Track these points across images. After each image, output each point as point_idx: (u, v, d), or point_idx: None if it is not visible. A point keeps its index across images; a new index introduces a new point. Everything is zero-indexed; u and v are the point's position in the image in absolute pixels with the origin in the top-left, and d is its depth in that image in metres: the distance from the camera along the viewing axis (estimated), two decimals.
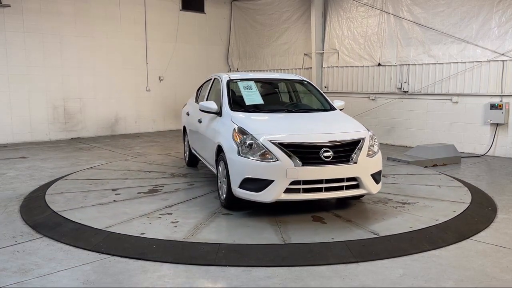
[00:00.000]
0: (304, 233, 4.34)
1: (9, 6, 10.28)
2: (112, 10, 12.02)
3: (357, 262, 3.76)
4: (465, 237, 4.33)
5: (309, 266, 3.67)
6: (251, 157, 4.59)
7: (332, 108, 5.96)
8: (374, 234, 4.32)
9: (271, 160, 4.51)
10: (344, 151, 4.69)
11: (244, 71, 14.05)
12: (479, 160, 8.57)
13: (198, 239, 4.16)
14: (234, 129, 4.92)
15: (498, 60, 8.69)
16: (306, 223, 4.68)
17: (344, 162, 4.63)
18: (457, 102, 9.39)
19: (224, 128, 5.23)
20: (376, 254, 3.91)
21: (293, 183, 4.50)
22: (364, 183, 4.73)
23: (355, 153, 4.71)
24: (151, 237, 4.18)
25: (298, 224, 4.62)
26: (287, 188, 4.51)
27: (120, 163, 7.89)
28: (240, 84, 6.01)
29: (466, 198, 5.58)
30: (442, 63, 9.52)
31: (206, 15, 14.00)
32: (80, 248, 4.05)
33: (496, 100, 8.75)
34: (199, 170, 7.32)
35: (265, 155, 4.55)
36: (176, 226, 4.49)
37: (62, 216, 4.80)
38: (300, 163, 4.50)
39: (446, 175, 7.01)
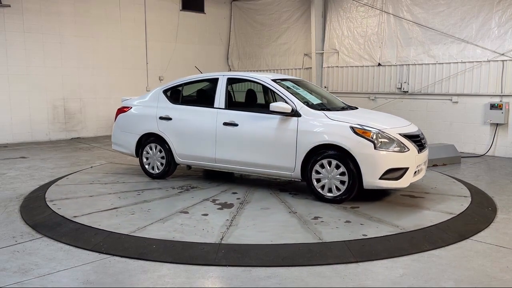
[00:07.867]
0: (441, 207, 5.16)
1: (9, 6, 10.28)
2: (112, 10, 12.01)
3: (357, 262, 3.76)
4: (465, 237, 4.33)
5: (309, 266, 3.67)
6: (390, 149, 5.07)
7: (353, 107, 6.41)
8: (465, 197, 5.53)
9: (405, 150, 5.13)
10: (423, 139, 5.67)
11: (240, 71, 14.03)
12: (479, 160, 8.57)
13: (411, 228, 4.45)
14: (352, 126, 5.18)
15: (498, 60, 8.70)
16: (413, 206, 5.28)
17: (425, 148, 5.61)
18: (457, 102, 9.39)
19: (328, 127, 5.28)
20: (376, 254, 3.91)
21: None
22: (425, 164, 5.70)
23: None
24: (371, 237, 4.23)
25: (412, 208, 5.18)
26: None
27: (88, 188, 6.02)
28: (287, 84, 6.09)
29: (466, 198, 5.58)
30: (442, 63, 9.52)
31: (206, 15, 14.00)
32: (80, 248, 4.05)
33: (496, 100, 8.76)
34: (168, 180, 6.49)
35: (398, 146, 5.13)
36: (352, 226, 4.54)
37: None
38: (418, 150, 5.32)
39: (446, 175, 7.02)
